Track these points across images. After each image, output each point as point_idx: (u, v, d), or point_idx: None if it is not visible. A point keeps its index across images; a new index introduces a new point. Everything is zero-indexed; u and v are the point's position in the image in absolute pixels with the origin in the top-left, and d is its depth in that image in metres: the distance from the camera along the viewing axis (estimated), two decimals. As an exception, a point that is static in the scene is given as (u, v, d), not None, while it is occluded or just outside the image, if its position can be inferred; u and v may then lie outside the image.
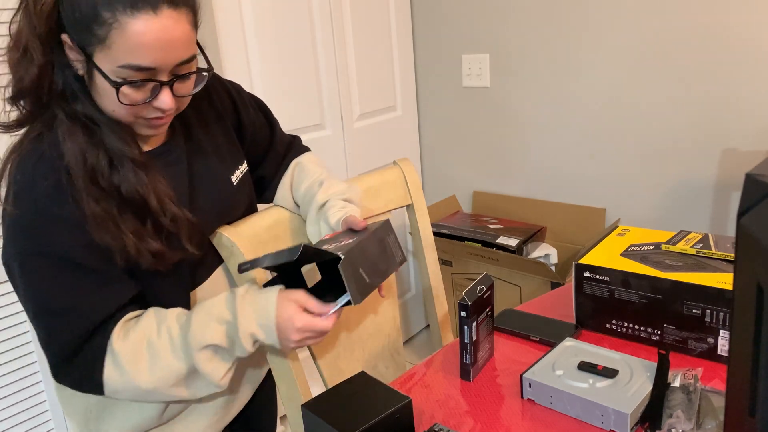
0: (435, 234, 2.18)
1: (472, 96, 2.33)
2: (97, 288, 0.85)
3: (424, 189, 2.60)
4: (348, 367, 1.22)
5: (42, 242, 0.81)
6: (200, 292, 1.00)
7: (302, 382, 1.06)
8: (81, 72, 0.81)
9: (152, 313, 0.90)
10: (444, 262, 2.23)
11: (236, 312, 0.89)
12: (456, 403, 0.95)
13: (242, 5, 1.78)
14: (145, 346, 0.87)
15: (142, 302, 0.92)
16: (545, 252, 2.08)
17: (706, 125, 1.82)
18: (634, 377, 0.90)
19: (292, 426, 1.08)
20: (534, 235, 2.10)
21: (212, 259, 1.02)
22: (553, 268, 1.94)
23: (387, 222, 1.01)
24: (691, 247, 1.08)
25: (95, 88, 0.81)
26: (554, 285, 1.93)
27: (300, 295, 0.90)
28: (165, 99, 0.81)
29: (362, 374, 0.91)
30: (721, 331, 0.96)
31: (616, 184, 2.05)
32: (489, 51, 2.22)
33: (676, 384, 0.87)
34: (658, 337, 1.03)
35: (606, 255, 1.10)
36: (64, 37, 0.78)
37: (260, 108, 1.14)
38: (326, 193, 1.08)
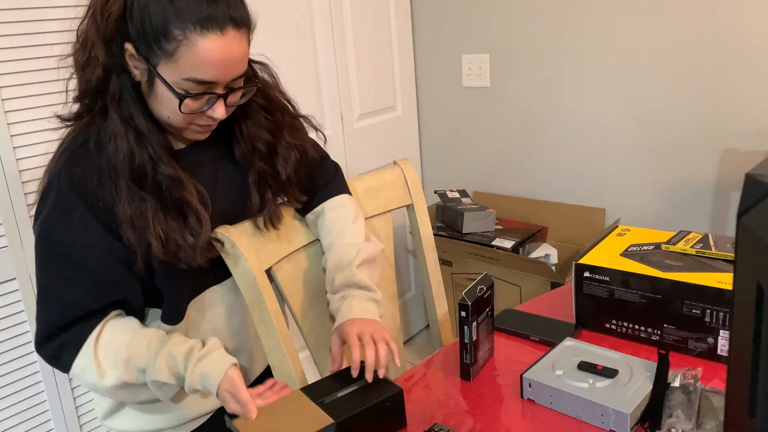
0: (435, 234, 2.18)
1: (472, 96, 2.32)
2: (88, 287, 0.89)
3: (424, 189, 2.60)
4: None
5: (57, 224, 0.86)
6: (196, 303, 1.01)
7: (302, 382, 1.06)
8: (139, 79, 0.86)
9: (130, 327, 0.93)
10: (444, 262, 2.23)
11: (187, 370, 0.90)
12: (456, 403, 0.95)
13: (242, 5, 1.78)
14: (113, 351, 0.90)
15: (126, 307, 0.95)
16: (545, 252, 2.08)
17: (706, 125, 1.82)
18: (634, 377, 0.90)
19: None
20: (534, 235, 2.10)
21: (217, 272, 1.03)
22: (553, 268, 1.94)
23: None
24: (691, 247, 1.08)
25: (154, 95, 0.86)
26: (554, 285, 1.92)
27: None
28: (219, 110, 0.88)
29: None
30: (721, 331, 0.96)
31: (616, 184, 2.05)
32: (489, 51, 2.22)
33: (676, 384, 0.87)
34: (658, 337, 1.03)
35: (606, 255, 1.10)
36: (128, 45, 0.83)
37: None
38: (348, 279, 1.05)
